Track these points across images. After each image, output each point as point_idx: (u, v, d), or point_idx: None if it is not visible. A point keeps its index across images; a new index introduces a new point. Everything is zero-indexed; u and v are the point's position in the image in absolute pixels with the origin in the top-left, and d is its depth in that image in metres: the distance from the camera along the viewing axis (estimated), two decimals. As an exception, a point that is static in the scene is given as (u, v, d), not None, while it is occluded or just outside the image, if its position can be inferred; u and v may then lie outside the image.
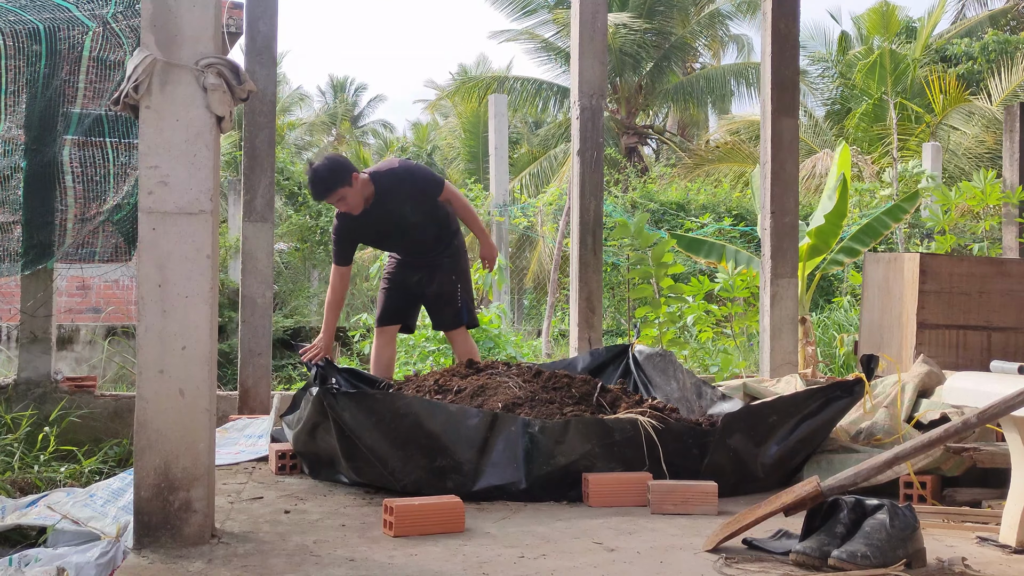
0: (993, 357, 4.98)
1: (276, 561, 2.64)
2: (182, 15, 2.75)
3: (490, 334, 7.70)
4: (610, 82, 21.07)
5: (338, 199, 4.86)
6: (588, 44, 5.87)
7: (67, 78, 5.05)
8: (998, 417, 2.73)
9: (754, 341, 8.40)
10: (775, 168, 5.99)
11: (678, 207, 14.39)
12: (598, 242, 5.88)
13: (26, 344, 5.89)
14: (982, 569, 2.62)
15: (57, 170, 5.25)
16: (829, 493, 2.71)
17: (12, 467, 4.95)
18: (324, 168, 4.86)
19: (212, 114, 2.75)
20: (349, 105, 38.29)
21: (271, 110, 5.59)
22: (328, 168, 4.86)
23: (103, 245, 5.84)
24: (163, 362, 2.71)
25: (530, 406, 3.76)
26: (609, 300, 12.03)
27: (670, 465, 3.53)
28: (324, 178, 4.83)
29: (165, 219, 2.73)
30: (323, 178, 4.82)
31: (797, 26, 6.13)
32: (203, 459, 2.73)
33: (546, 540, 2.92)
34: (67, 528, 3.71)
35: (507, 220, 12.69)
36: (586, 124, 5.87)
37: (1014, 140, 8.25)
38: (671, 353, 4.76)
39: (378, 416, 3.43)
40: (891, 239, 12.06)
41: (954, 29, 22.52)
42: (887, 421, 4.03)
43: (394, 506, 2.95)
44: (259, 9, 5.52)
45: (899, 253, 7.02)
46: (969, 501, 3.51)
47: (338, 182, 4.82)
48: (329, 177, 4.83)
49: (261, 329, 5.54)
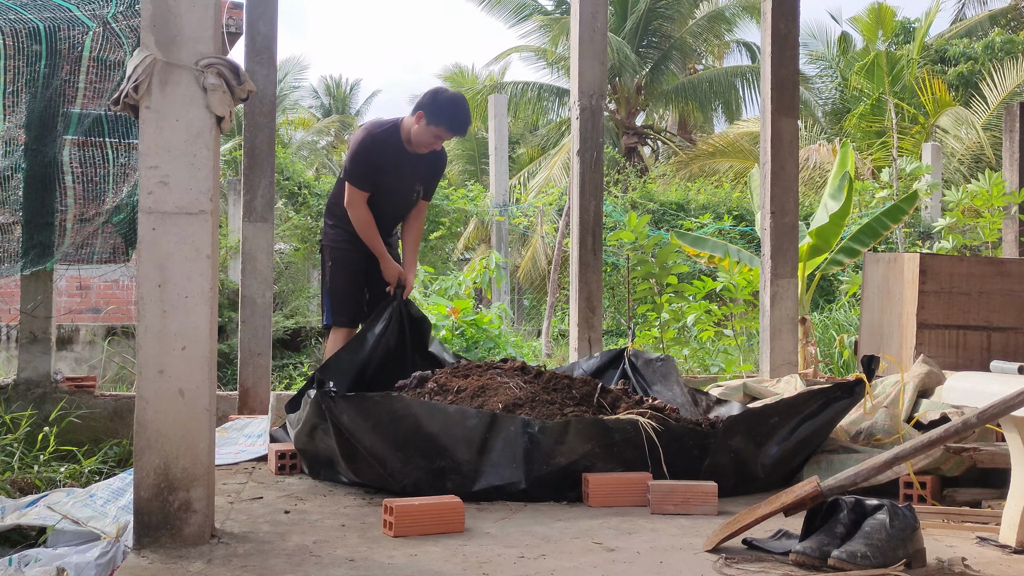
0: (993, 357, 4.98)
1: (276, 561, 2.64)
2: (182, 15, 2.75)
3: (490, 334, 7.70)
4: (610, 82, 21.08)
5: (446, 139, 4.76)
6: (588, 44, 5.87)
7: (67, 78, 5.05)
8: (998, 417, 2.73)
9: (754, 341, 8.41)
10: (775, 168, 6.00)
11: (678, 207, 14.40)
12: (598, 242, 5.88)
13: (26, 344, 5.89)
14: (982, 569, 2.62)
15: (57, 170, 5.24)
16: (829, 493, 2.71)
17: (12, 467, 4.95)
18: (467, 105, 4.73)
19: (212, 114, 2.76)
20: (343, 102, 38.22)
21: (271, 110, 5.59)
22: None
23: (102, 246, 5.84)
24: (163, 362, 2.71)
25: (530, 407, 3.76)
26: (609, 300, 12.04)
27: (670, 466, 3.53)
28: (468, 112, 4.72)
29: (165, 219, 2.73)
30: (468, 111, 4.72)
31: (797, 26, 6.13)
32: (203, 459, 2.73)
33: (546, 540, 2.92)
34: (67, 528, 3.71)
35: (507, 220, 12.70)
36: (586, 124, 5.87)
37: (1014, 140, 8.25)
38: (671, 359, 4.75)
39: (376, 418, 3.43)
40: (891, 239, 12.07)
41: (954, 29, 22.53)
42: (887, 421, 4.03)
43: (394, 506, 2.95)
44: (259, 9, 5.52)
45: (899, 253, 7.02)
46: (969, 501, 3.51)
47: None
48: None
49: (261, 329, 5.54)
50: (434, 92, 4.70)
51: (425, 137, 4.66)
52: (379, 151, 4.69)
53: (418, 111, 4.65)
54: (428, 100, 4.63)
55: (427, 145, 4.71)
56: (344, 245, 4.85)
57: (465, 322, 7.65)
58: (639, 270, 7.29)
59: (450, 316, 7.68)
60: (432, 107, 4.62)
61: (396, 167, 4.74)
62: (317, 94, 38.85)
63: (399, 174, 4.77)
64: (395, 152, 4.72)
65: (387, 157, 4.70)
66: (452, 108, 4.64)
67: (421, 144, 4.70)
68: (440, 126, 4.63)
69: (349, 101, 38.84)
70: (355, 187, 4.69)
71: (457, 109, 4.66)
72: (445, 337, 7.58)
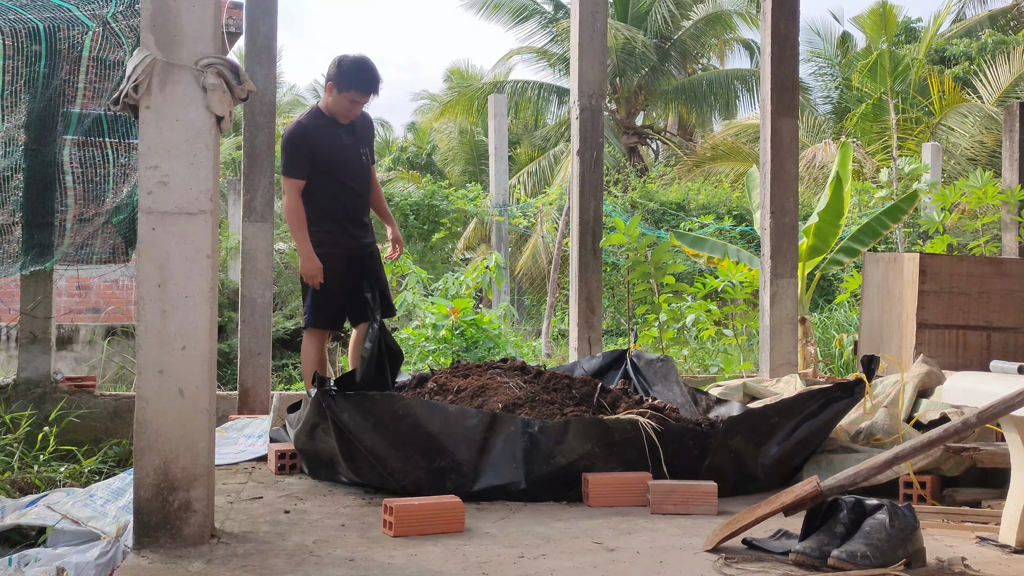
0: (993, 357, 4.98)
1: (276, 561, 2.64)
2: (182, 15, 2.75)
3: (490, 334, 7.70)
4: (610, 82, 21.08)
5: (364, 102, 4.82)
6: (588, 44, 5.87)
7: (67, 78, 5.05)
8: (998, 417, 2.73)
9: (754, 341, 8.41)
10: (775, 168, 6.00)
11: (678, 207, 14.40)
12: (598, 242, 5.88)
13: (26, 344, 5.89)
14: (982, 569, 2.62)
15: (57, 170, 5.24)
16: (829, 493, 2.71)
17: (12, 467, 4.95)
18: (372, 63, 4.79)
19: (212, 114, 2.76)
20: None
21: (271, 110, 5.59)
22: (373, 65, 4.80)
23: (101, 246, 5.83)
24: (163, 362, 2.71)
25: (530, 406, 3.76)
26: (609, 300, 12.04)
27: (670, 465, 3.53)
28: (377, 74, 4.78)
29: (165, 219, 2.73)
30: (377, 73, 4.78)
31: (797, 26, 6.13)
32: (203, 459, 2.73)
33: (546, 540, 2.92)
34: (67, 528, 3.71)
35: (507, 220, 12.70)
36: (586, 124, 5.88)
37: (1013, 140, 8.25)
38: (671, 359, 4.76)
39: (377, 417, 3.44)
40: (891, 239, 12.07)
41: (954, 29, 22.53)
42: (887, 421, 4.03)
43: (394, 506, 2.95)
44: (259, 9, 5.52)
45: (899, 253, 7.02)
46: (969, 501, 3.51)
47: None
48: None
49: (261, 329, 5.54)
50: (338, 60, 4.79)
51: (342, 105, 4.78)
52: (312, 135, 4.81)
53: (328, 83, 4.80)
54: (333, 70, 4.76)
55: (346, 113, 4.81)
56: (324, 249, 4.85)
57: (465, 322, 7.65)
58: (636, 271, 7.29)
59: (450, 316, 7.68)
60: (338, 75, 4.74)
61: (335, 140, 4.84)
62: (318, 93, 38.81)
63: (341, 144, 4.86)
64: (327, 129, 4.83)
65: (322, 136, 4.81)
66: (357, 70, 4.75)
67: (341, 114, 4.81)
68: (351, 90, 4.75)
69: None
70: (291, 177, 4.77)
71: (361, 70, 4.76)
72: (445, 337, 7.58)
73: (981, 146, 17.09)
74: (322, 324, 4.96)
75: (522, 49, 22.81)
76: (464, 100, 21.72)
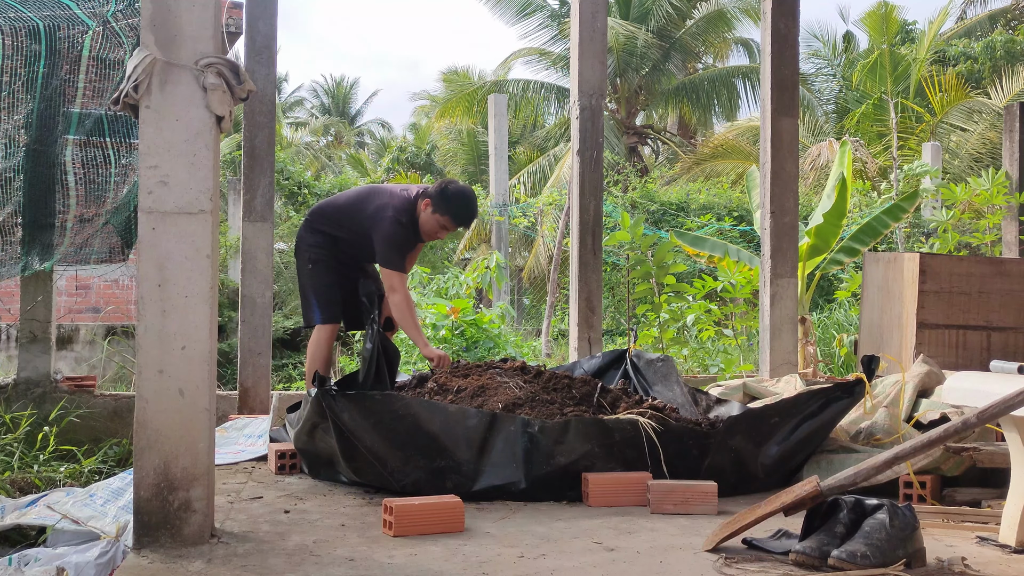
0: (993, 357, 4.98)
1: (276, 561, 2.64)
2: (182, 15, 2.75)
3: (490, 334, 7.70)
4: (610, 82, 21.07)
5: (450, 232, 4.89)
6: (588, 44, 5.87)
7: (67, 77, 5.04)
8: (998, 417, 2.73)
9: (754, 341, 8.41)
10: (775, 168, 6.00)
11: (678, 207, 14.40)
12: (598, 242, 5.88)
13: (26, 344, 5.90)
14: (982, 569, 2.62)
15: (59, 171, 5.24)
16: (829, 493, 2.71)
17: (12, 467, 4.95)
18: (475, 200, 4.84)
19: (212, 114, 2.76)
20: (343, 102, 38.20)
21: (271, 110, 5.60)
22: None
23: (100, 246, 5.84)
24: (163, 362, 2.71)
25: (530, 406, 3.76)
26: (609, 300, 12.04)
27: (670, 465, 3.53)
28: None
29: (165, 219, 2.73)
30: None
31: (797, 26, 6.14)
32: (203, 459, 2.73)
33: (546, 540, 2.92)
34: (67, 528, 3.71)
35: (507, 220, 12.70)
36: (586, 124, 5.88)
37: (1014, 140, 8.26)
38: (671, 359, 4.76)
39: (377, 417, 3.44)
40: (891, 239, 12.06)
41: (954, 29, 22.52)
42: (887, 421, 4.03)
43: (394, 506, 2.95)
44: (259, 9, 5.52)
45: (899, 253, 7.02)
46: (969, 501, 3.51)
47: None
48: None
49: (261, 329, 5.54)
50: (445, 184, 4.78)
51: (430, 225, 4.73)
52: (411, 232, 4.77)
53: (425, 198, 4.70)
54: (437, 191, 4.71)
55: (431, 233, 4.77)
56: (324, 253, 4.88)
57: (465, 322, 7.65)
58: (637, 270, 7.29)
59: (450, 316, 7.68)
60: (441, 197, 4.68)
61: (411, 247, 4.86)
62: (317, 93, 38.87)
63: (411, 249, 4.90)
64: (412, 228, 4.77)
65: (410, 236, 4.79)
66: (460, 200, 4.72)
67: (426, 232, 4.76)
68: (447, 216, 4.70)
69: (349, 101, 38.83)
70: (396, 270, 4.69)
71: (465, 201, 4.75)
72: (445, 337, 7.57)
73: (985, 144, 17.07)
74: (328, 318, 4.91)
75: (522, 51, 22.80)
76: (464, 100, 21.68)
